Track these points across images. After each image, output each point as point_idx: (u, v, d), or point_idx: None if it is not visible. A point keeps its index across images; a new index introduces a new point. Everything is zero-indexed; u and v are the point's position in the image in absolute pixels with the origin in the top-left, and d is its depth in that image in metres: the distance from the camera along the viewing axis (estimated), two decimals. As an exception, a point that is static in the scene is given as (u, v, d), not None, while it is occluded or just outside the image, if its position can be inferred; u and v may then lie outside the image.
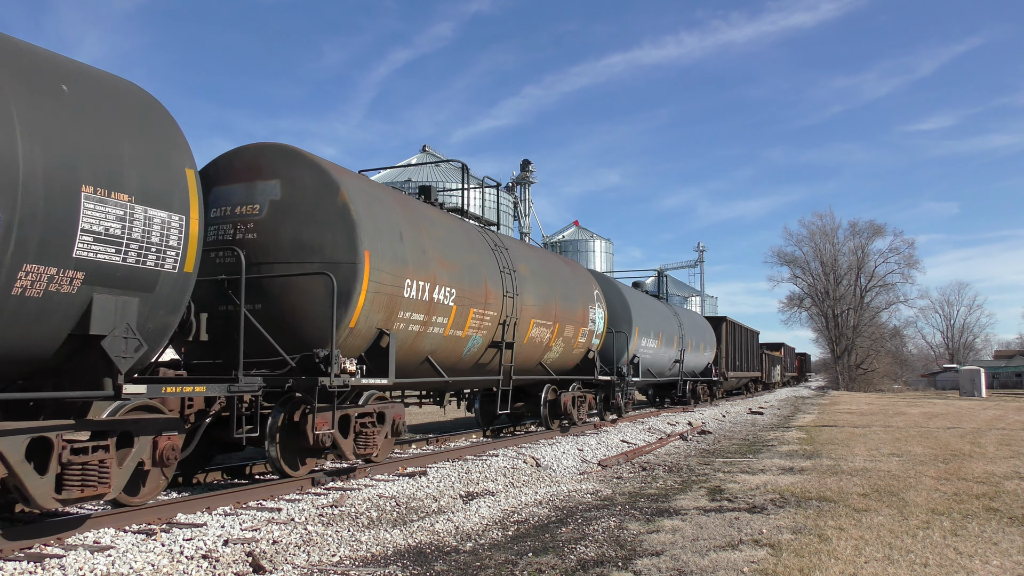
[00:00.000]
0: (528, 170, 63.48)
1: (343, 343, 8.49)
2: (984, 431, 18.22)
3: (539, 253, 15.35)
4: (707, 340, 29.37)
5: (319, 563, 5.69)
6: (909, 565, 5.65)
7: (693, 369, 27.53)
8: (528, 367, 13.84)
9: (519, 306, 12.47)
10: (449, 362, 11.02)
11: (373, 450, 9.37)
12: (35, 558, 5.34)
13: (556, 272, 14.98)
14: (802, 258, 75.63)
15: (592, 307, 16.23)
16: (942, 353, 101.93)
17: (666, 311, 24.42)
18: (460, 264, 10.75)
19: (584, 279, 16.76)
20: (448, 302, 10.31)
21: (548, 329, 13.94)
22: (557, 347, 14.62)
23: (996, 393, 57.56)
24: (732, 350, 34.17)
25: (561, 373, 15.48)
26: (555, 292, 14.27)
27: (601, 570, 5.57)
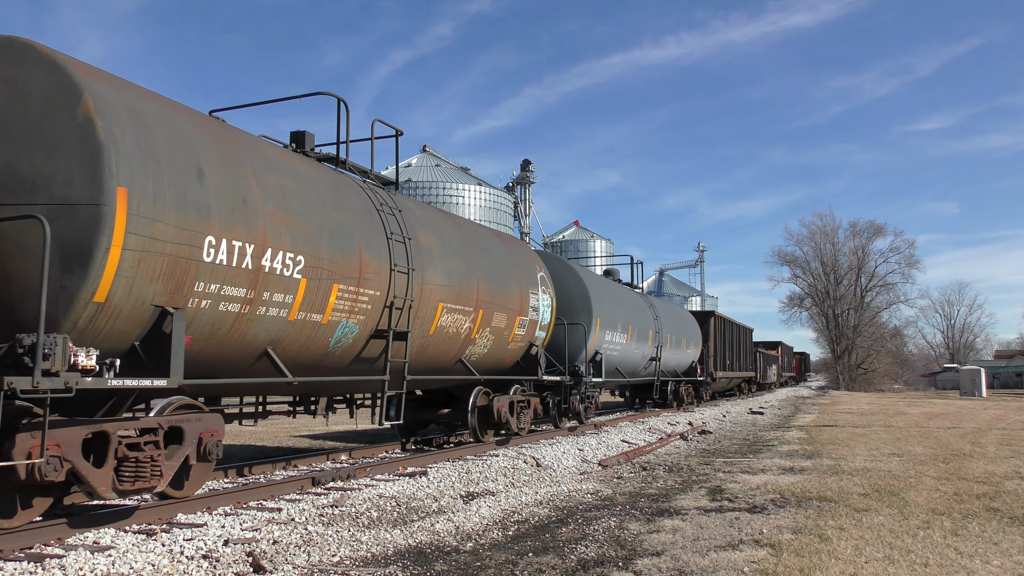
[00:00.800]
0: (528, 170, 63.55)
1: (89, 326, 5.86)
2: (984, 431, 18.22)
3: (457, 222, 12.24)
4: (691, 336, 26.52)
5: (319, 563, 5.69)
6: (909, 565, 5.64)
7: (675, 368, 24.94)
8: (440, 365, 11.14)
9: (418, 285, 9.78)
10: (307, 357, 8.29)
11: (155, 483, 6.46)
12: (35, 558, 5.34)
13: (479, 246, 12.01)
14: (802, 258, 75.70)
15: (535, 293, 13.48)
16: (942, 353, 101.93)
17: (639, 302, 21.59)
18: (315, 224, 7.95)
19: (524, 258, 13.88)
20: (291, 273, 7.53)
21: (467, 317, 11.09)
22: (483, 340, 11.82)
23: (996, 393, 57.55)
24: (721, 348, 31.41)
25: (494, 372, 12.82)
26: (477, 271, 11.42)
27: (601, 570, 5.56)
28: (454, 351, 11.25)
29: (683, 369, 26.12)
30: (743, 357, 37.46)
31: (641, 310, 20.97)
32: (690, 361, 26.65)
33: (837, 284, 74.03)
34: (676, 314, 26.01)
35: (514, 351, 13.20)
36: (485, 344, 11.97)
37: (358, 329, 8.86)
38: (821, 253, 74.54)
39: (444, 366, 11.30)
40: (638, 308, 20.78)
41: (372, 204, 9.38)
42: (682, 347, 25.03)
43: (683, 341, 25.14)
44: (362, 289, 8.69)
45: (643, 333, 20.51)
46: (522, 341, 13.27)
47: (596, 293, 16.81)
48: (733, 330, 34.95)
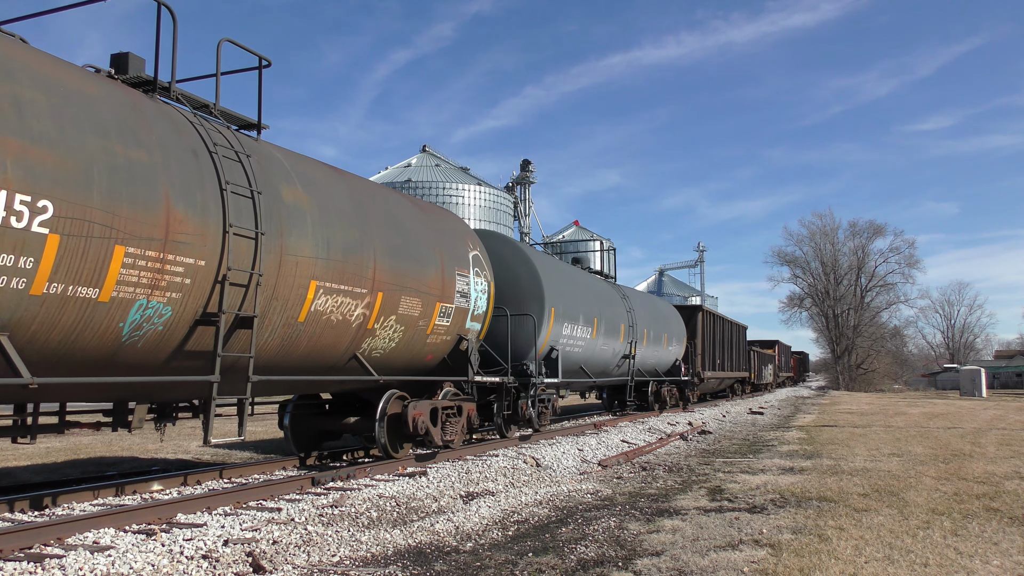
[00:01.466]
0: (528, 170, 63.55)
1: None
2: (984, 431, 18.22)
3: (350, 181, 9.64)
4: (673, 332, 24.03)
5: (319, 563, 5.69)
6: (909, 565, 5.64)
7: (654, 367, 22.46)
8: (323, 362, 8.90)
9: (274, 255, 7.54)
10: (84, 350, 6.20)
11: None
12: (35, 558, 5.34)
13: (380, 212, 9.74)
14: (802, 258, 75.78)
15: (464, 275, 11.20)
16: (942, 353, 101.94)
17: (608, 292, 19.17)
18: (81, 158, 5.83)
19: (450, 232, 11.44)
20: (27, 225, 5.40)
21: (358, 301, 8.89)
22: (387, 331, 9.63)
23: (997, 393, 57.56)
24: (710, 345, 28.94)
25: (410, 372, 10.69)
26: (374, 243, 9.20)
27: (601, 570, 5.56)
28: (343, 345, 8.96)
29: (665, 368, 23.71)
30: (735, 356, 35.05)
31: (611, 301, 18.62)
32: (673, 359, 24.20)
33: (837, 284, 74.08)
34: (655, 307, 23.43)
35: (436, 346, 10.90)
36: (391, 336, 9.74)
37: (170, 312, 6.62)
38: (821, 253, 74.64)
39: (330, 363, 9.03)
40: (607, 299, 18.38)
41: (201, 143, 7.15)
42: (662, 344, 22.58)
43: (663, 337, 22.70)
44: (172, 256, 6.49)
45: (613, 327, 18.13)
46: (447, 334, 10.95)
47: (550, 279, 14.49)
48: (724, 327, 32.57)
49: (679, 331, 24.94)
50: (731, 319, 34.97)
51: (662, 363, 23.21)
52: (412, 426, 10.15)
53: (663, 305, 25.42)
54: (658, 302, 25.36)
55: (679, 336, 24.78)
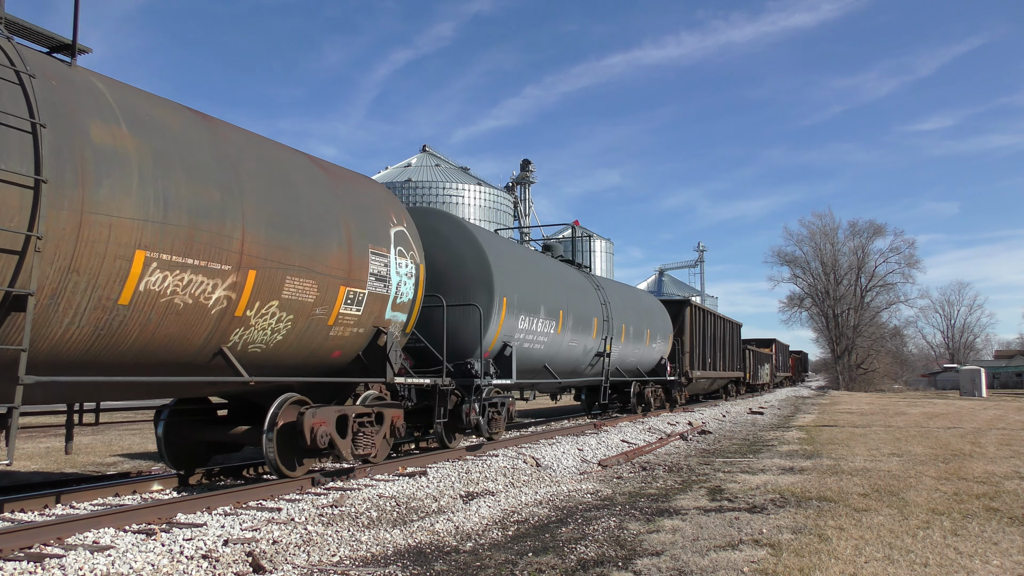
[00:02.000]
0: (528, 170, 63.54)
1: None
2: (984, 431, 18.22)
3: (213, 126, 7.60)
4: (657, 328, 21.92)
5: (319, 563, 5.69)
6: (909, 565, 5.64)
7: (635, 366, 20.59)
8: (166, 358, 7.02)
9: (71, 212, 5.79)
10: None
11: None
12: (35, 558, 5.34)
13: (258, 167, 7.78)
14: (802, 258, 75.79)
15: (382, 254, 9.40)
16: (942, 353, 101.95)
17: (578, 282, 17.02)
18: None
19: (365, 202, 9.55)
20: None
21: (219, 280, 6.98)
22: (267, 321, 7.71)
23: (997, 393, 57.57)
24: (700, 343, 26.87)
25: (309, 371, 8.92)
26: (244, 205, 7.29)
27: (601, 570, 5.56)
28: (199, 336, 7.03)
29: (648, 368, 21.81)
30: (729, 355, 33.03)
31: (581, 292, 16.64)
32: (657, 358, 22.31)
33: (837, 284, 74.09)
34: (636, 300, 21.38)
35: (345, 340, 9.02)
36: (274, 327, 7.84)
37: None
38: (821, 253, 74.64)
39: (183, 360, 7.13)
40: (575, 289, 16.35)
41: None
42: (644, 341, 20.60)
43: (646, 333, 20.72)
44: None
45: (583, 321, 16.18)
46: (358, 325, 9.09)
47: (502, 264, 12.56)
48: (715, 324, 30.46)
49: (664, 327, 22.83)
50: (724, 315, 33.12)
51: (645, 362, 21.32)
52: (311, 438, 8.32)
53: (646, 298, 23.26)
54: (640, 295, 23.22)
55: (664, 333, 22.71)
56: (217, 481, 9.37)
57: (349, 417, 9.05)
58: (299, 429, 8.37)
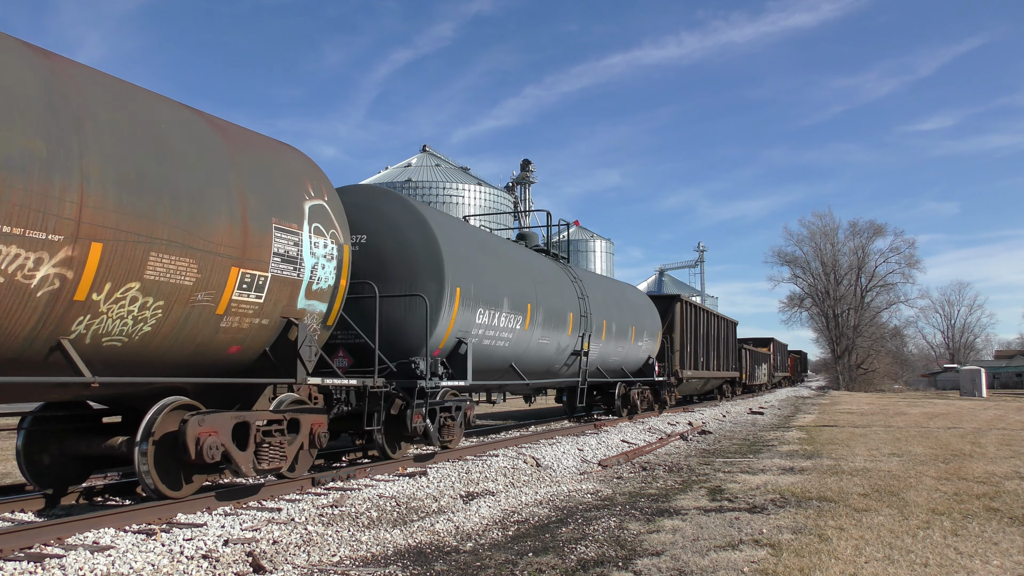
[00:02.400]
0: (528, 170, 63.56)
1: None
2: (985, 431, 18.22)
3: (46, 60, 6.09)
4: (644, 325, 20.18)
5: (319, 563, 5.69)
6: (909, 565, 5.64)
7: (619, 366, 19.03)
8: None
9: None
10: None
11: None
12: (35, 558, 5.34)
13: (111, 112, 6.33)
14: (802, 258, 75.80)
15: (293, 231, 7.93)
16: (943, 353, 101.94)
17: (551, 272, 15.22)
18: None
19: (271, 167, 8.04)
20: None
21: (41, 253, 5.58)
22: (124, 306, 6.31)
23: (997, 393, 57.58)
24: (691, 341, 25.25)
25: (198, 370, 7.46)
26: (84, 159, 5.87)
27: (601, 570, 5.56)
28: (24, 327, 5.70)
29: (634, 367, 20.22)
30: (723, 354, 31.28)
31: (554, 284, 14.86)
32: (644, 357, 20.60)
33: (837, 284, 74.10)
34: (620, 295, 19.53)
35: (243, 333, 7.58)
36: (136, 315, 6.42)
37: None
38: (821, 253, 74.65)
39: (4, 357, 5.78)
40: (547, 280, 14.62)
41: None
42: (628, 338, 18.85)
43: (631, 330, 18.94)
44: None
45: (557, 316, 14.57)
46: (259, 315, 7.65)
47: (456, 250, 11.07)
48: (709, 321, 28.73)
49: (652, 324, 21.08)
50: (718, 313, 31.64)
51: (630, 361, 19.67)
52: (195, 451, 6.93)
53: (632, 293, 21.36)
54: (625, 289, 21.27)
55: (652, 330, 21.00)
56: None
57: (251, 425, 7.57)
58: (181, 440, 6.92)
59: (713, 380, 30.02)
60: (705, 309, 28.78)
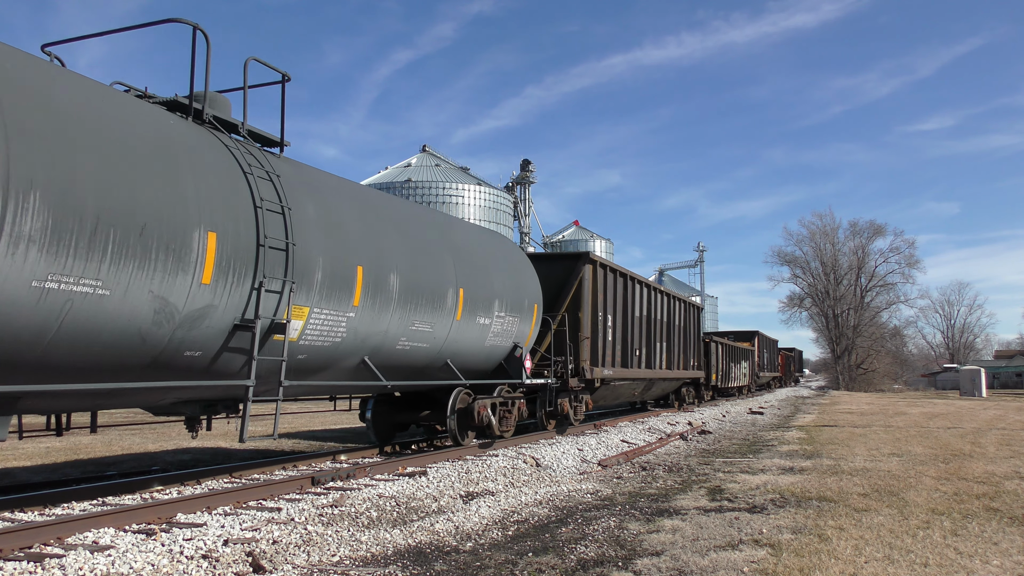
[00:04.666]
0: (528, 170, 63.57)
1: None
2: (984, 431, 18.22)
3: None
4: (507, 294, 12.70)
5: (319, 563, 5.69)
6: (909, 565, 5.64)
7: (459, 359, 11.68)
8: None
9: None
10: None
11: None
12: (35, 558, 5.34)
13: None
14: (802, 258, 75.90)
15: None
16: (942, 353, 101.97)
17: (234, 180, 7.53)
18: None
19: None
20: None
21: None
22: None
23: (996, 393, 57.57)
24: (617, 325, 17.43)
25: None
26: None
27: (601, 570, 5.56)
28: None
29: (494, 361, 12.91)
30: (680, 347, 23.80)
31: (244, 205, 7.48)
32: (508, 346, 12.98)
33: (837, 284, 74.12)
34: (446, 237, 11.58)
35: None
36: None
37: None
38: (821, 253, 74.72)
39: None
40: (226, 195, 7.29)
41: None
42: (476, 314, 11.73)
43: (480, 301, 11.83)
44: None
45: None
46: None
47: None
48: (653, 300, 20.63)
49: (523, 293, 13.24)
50: (668, 290, 22.80)
51: (478, 352, 12.16)
52: None
53: (484, 238, 13.22)
54: (470, 231, 13.01)
55: (521, 303, 13.08)
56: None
57: None
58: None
59: (662, 383, 22.26)
60: (643, 281, 20.02)
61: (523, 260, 14.26)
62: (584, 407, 16.28)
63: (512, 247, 14.58)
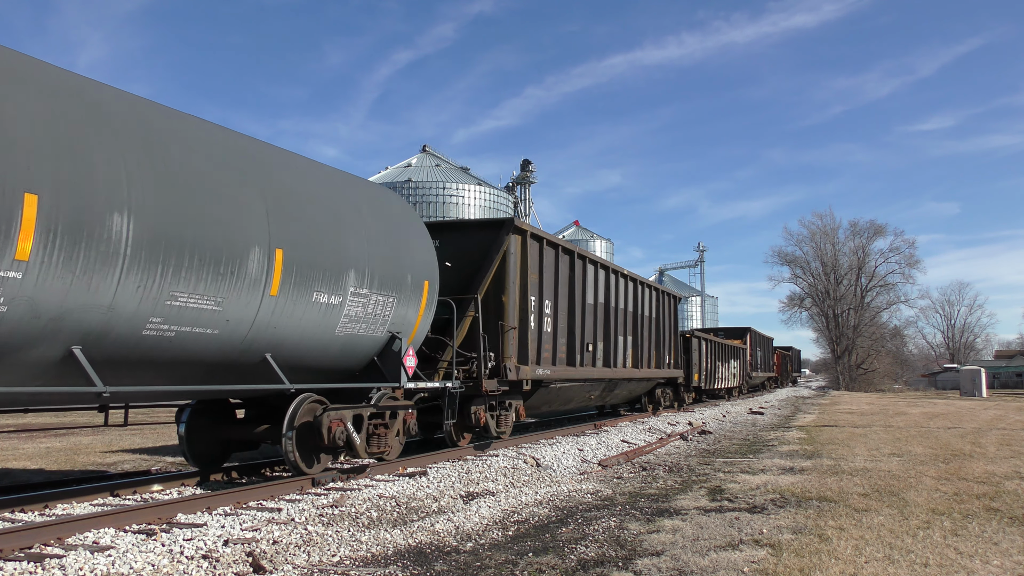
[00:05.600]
0: (528, 170, 63.58)
1: None
2: (985, 431, 18.21)
3: None
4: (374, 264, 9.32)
5: (319, 563, 5.69)
6: (909, 565, 5.64)
7: (296, 356, 8.61)
8: None
9: None
10: None
11: None
12: (35, 558, 5.33)
13: None
14: (803, 258, 75.91)
15: None
16: (943, 353, 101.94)
17: None
18: None
19: None
20: None
21: None
22: None
23: (997, 393, 57.57)
24: (553, 312, 14.02)
25: None
26: None
27: (601, 570, 5.56)
28: None
29: (353, 358, 9.57)
30: (651, 342, 20.65)
31: None
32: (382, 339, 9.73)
33: (837, 284, 74.12)
34: (296, 180, 8.63)
35: None
36: None
37: None
38: (821, 253, 74.73)
39: None
40: None
41: None
42: (309, 291, 8.38)
43: (314, 275, 8.45)
44: None
45: None
46: None
47: None
48: (610, 282, 17.12)
49: (404, 264, 9.98)
50: (632, 273, 19.06)
51: (324, 344, 8.90)
52: None
53: (338, 183, 9.57)
54: (312, 172, 9.22)
55: (402, 277, 9.88)
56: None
57: None
58: None
59: (628, 384, 19.02)
60: (601, 262, 16.89)
61: (407, 219, 10.43)
62: (514, 416, 13.19)
63: (389, 199, 10.46)
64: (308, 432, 8.85)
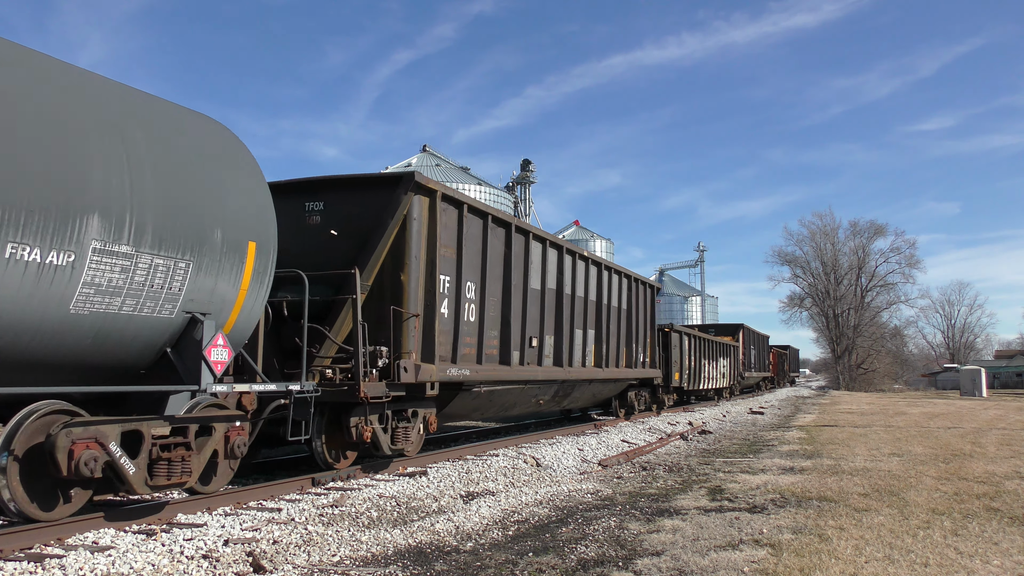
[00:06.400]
0: (528, 170, 63.62)
1: None
2: (985, 431, 18.21)
3: None
4: (119, 198, 5.83)
5: (319, 563, 5.69)
6: (909, 565, 5.64)
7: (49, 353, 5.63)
8: None
9: None
10: None
11: None
12: (35, 558, 5.34)
13: None
14: (803, 258, 75.89)
15: None
16: (943, 353, 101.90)
17: None
18: None
19: None
20: None
21: None
22: None
23: (997, 393, 57.57)
24: (478, 296, 11.19)
25: None
26: None
27: (601, 570, 5.56)
28: None
29: (120, 351, 6.26)
30: (621, 337, 17.87)
31: None
32: (172, 321, 6.48)
33: (837, 284, 74.13)
34: None
35: None
36: None
37: None
38: (821, 253, 74.72)
39: None
40: None
41: None
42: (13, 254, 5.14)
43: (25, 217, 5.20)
44: None
45: None
46: None
47: None
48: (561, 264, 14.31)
49: (208, 211, 6.68)
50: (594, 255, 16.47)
51: (58, 329, 5.63)
52: None
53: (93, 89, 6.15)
54: None
55: (205, 231, 6.63)
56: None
57: None
58: None
59: (589, 386, 16.38)
60: (552, 240, 14.08)
61: (222, 151, 7.26)
62: (423, 428, 10.44)
63: (193, 122, 7.20)
64: (42, 459, 5.83)
